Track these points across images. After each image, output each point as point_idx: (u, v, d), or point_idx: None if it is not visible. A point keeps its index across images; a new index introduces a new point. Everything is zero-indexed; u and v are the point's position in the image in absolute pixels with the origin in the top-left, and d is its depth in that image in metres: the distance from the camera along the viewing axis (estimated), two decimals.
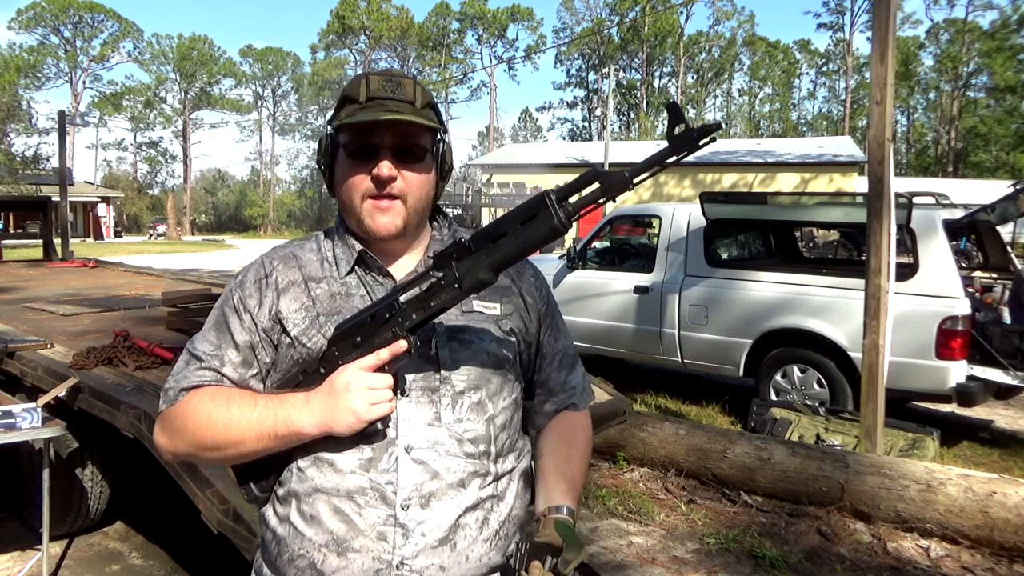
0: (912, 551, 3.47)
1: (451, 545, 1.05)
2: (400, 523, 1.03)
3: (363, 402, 0.97)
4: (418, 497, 1.04)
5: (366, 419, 0.98)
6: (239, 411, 1.04)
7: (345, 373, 0.99)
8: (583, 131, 61.59)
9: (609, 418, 3.95)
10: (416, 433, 1.05)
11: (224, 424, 1.04)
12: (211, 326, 1.15)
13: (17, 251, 13.11)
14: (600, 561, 3.42)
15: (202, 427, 1.05)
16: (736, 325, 5.67)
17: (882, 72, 4.26)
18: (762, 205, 6.35)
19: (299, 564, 1.06)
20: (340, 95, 1.12)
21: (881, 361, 4.27)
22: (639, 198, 28.21)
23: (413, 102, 1.08)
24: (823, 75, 60.39)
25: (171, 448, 1.10)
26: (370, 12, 57.98)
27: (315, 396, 1.01)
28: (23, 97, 38.29)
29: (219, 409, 1.05)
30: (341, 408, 0.98)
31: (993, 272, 6.01)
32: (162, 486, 2.97)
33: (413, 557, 1.03)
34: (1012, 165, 41.40)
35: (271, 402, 1.04)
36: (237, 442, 1.03)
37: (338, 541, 1.03)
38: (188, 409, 1.08)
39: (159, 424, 1.12)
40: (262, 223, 58.56)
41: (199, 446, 1.06)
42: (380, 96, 1.06)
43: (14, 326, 4.10)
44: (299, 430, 1.00)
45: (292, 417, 1.00)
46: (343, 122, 1.06)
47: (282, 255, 1.18)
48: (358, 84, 1.09)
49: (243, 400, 1.06)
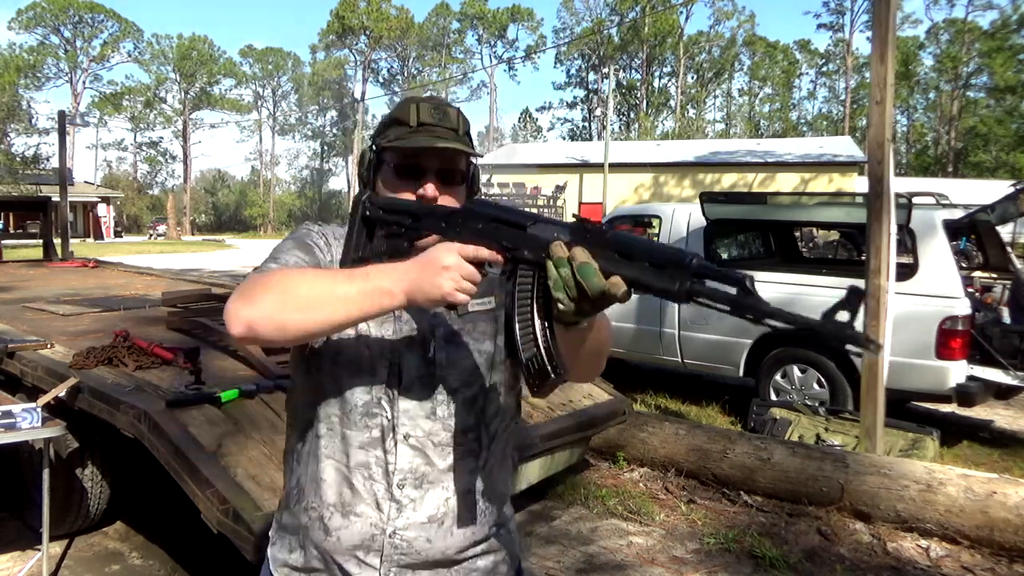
0: (912, 551, 3.47)
1: (439, 522, 1.19)
2: (395, 499, 1.18)
3: (452, 285, 0.98)
4: (412, 478, 1.18)
5: (450, 300, 0.98)
6: (331, 274, 1.07)
7: (446, 252, 0.99)
8: (583, 131, 61.59)
9: (609, 418, 3.95)
10: (414, 423, 1.19)
11: (315, 278, 1.05)
12: (293, 246, 1.21)
13: (17, 251, 13.12)
14: (600, 561, 3.42)
15: (297, 280, 1.05)
16: (736, 325, 5.66)
17: (882, 72, 4.26)
18: (762, 205, 6.35)
19: (311, 515, 1.21)
20: (387, 117, 1.24)
21: (881, 361, 4.27)
22: (639, 198, 28.25)
23: (457, 129, 1.21)
24: (823, 75, 60.38)
25: (251, 305, 1.03)
26: (370, 12, 57.93)
27: (410, 264, 1.02)
28: (23, 97, 38.32)
29: (312, 271, 1.11)
30: (430, 282, 0.98)
31: (993, 272, 6.01)
32: (162, 486, 2.97)
33: (404, 529, 1.18)
34: (1012, 165, 41.38)
35: (363, 268, 1.06)
36: (327, 293, 1.01)
37: (344, 504, 1.19)
38: (278, 272, 1.09)
39: (239, 291, 1.07)
40: (262, 223, 58.57)
41: (288, 297, 1.02)
42: (429, 123, 1.19)
43: (14, 326, 4.10)
44: (388, 288, 1.00)
45: (383, 280, 1.01)
46: (396, 144, 1.18)
47: (340, 231, 1.28)
48: (408, 109, 1.20)
49: (334, 270, 1.14)
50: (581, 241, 0.93)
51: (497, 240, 1.02)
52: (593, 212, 25.96)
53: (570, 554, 3.48)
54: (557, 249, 0.93)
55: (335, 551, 1.19)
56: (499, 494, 1.29)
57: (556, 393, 3.80)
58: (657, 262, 0.89)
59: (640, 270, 0.90)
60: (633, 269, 0.90)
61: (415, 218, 1.14)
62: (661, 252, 0.90)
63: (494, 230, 1.03)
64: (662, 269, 0.88)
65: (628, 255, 0.91)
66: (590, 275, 0.89)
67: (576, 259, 0.91)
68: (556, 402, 3.72)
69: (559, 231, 0.97)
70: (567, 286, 0.91)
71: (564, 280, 0.91)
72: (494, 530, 1.27)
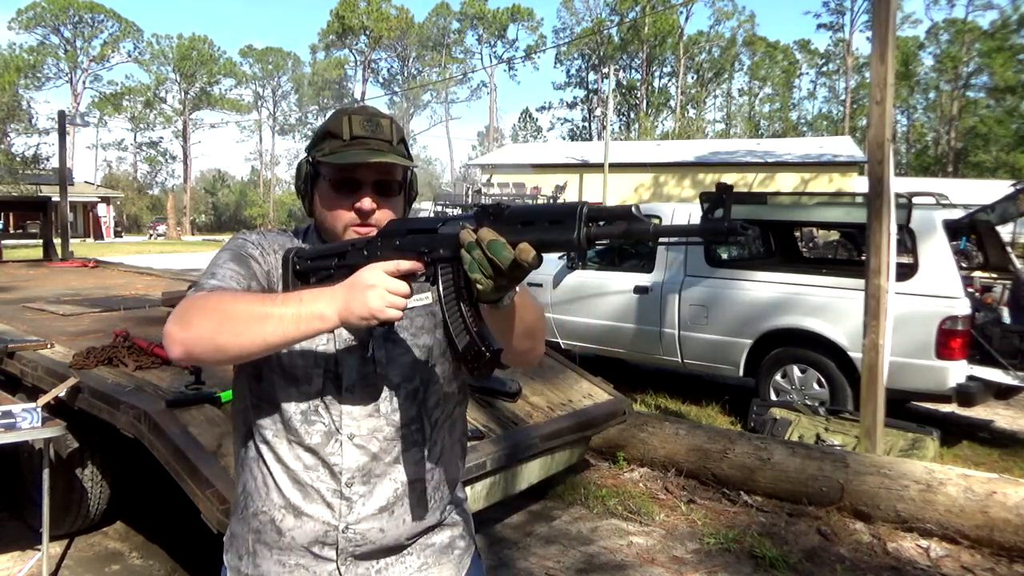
0: (912, 551, 3.47)
1: (389, 512, 1.23)
2: (345, 496, 1.21)
3: (380, 302, 1.01)
4: (360, 475, 1.22)
5: (380, 317, 1.02)
6: (264, 298, 1.09)
7: (371, 272, 1.04)
8: (583, 131, 61.56)
9: (609, 418, 3.95)
10: (357, 423, 1.22)
11: (250, 303, 1.07)
12: (229, 258, 1.23)
13: (17, 251, 13.13)
14: (600, 561, 3.42)
15: (231, 304, 1.08)
16: (736, 325, 5.67)
17: (882, 72, 4.26)
18: (762, 205, 6.35)
19: (261, 519, 1.24)
20: (321, 129, 1.24)
21: (881, 361, 4.27)
22: (639, 198, 28.24)
23: (390, 140, 1.23)
24: (823, 75, 60.35)
25: (188, 328, 1.07)
26: (370, 12, 57.94)
27: (338, 286, 1.06)
28: (23, 97, 38.20)
29: (246, 295, 1.14)
30: (359, 302, 1.02)
31: (993, 272, 6.01)
32: (162, 486, 2.97)
33: (356, 523, 1.22)
34: (1012, 165, 41.37)
35: (296, 292, 1.10)
36: (263, 317, 1.04)
37: (294, 505, 1.22)
38: (214, 294, 1.12)
39: (176, 313, 1.11)
40: (262, 223, 58.49)
41: (224, 318, 1.06)
42: (362, 136, 1.20)
43: (14, 326, 4.09)
44: (321, 313, 1.04)
45: (316, 301, 1.04)
46: (331, 161, 1.19)
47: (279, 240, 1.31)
48: (340, 122, 1.21)
49: (268, 294, 1.16)
50: (486, 223, 0.99)
51: (415, 249, 1.08)
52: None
53: (570, 554, 3.48)
54: (466, 235, 0.98)
55: (291, 549, 1.23)
56: (449, 479, 1.33)
57: (556, 393, 3.80)
58: (554, 219, 0.95)
59: (542, 231, 0.96)
60: (536, 232, 0.96)
61: (340, 256, 1.17)
62: (556, 209, 0.96)
63: (411, 242, 1.09)
64: (560, 224, 0.94)
65: (529, 222, 0.97)
66: (499, 250, 0.94)
67: (483, 239, 0.95)
68: (556, 402, 3.72)
69: (465, 221, 1.03)
70: (481, 265, 0.95)
71: (477, 261, 0.95)
72: (447, 513, 1.33)
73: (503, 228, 0.97)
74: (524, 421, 3.39)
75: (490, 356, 1.02)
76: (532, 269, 0.95)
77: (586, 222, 0.93)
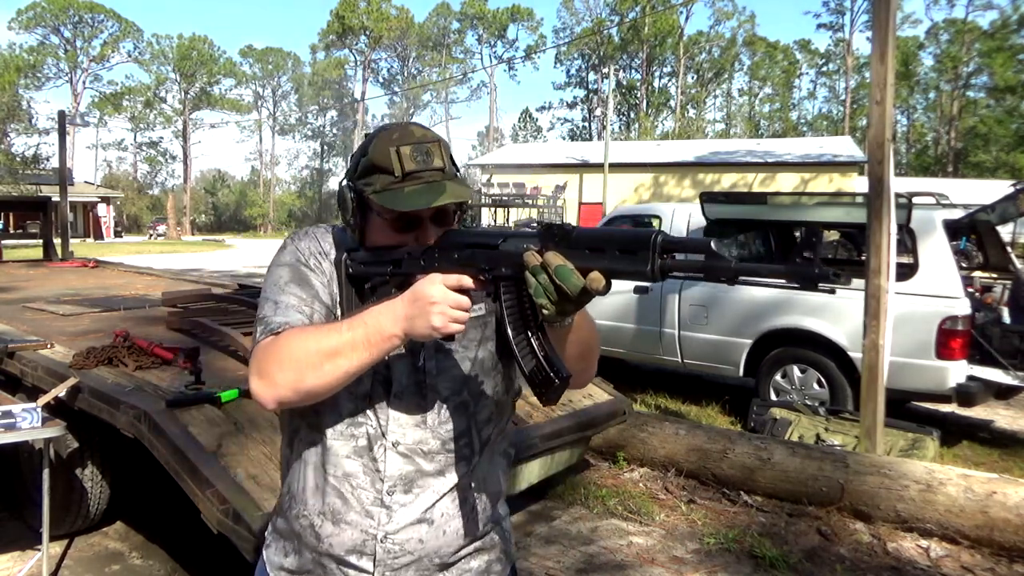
0: (912, 551, 3.47)
1: (429, 522, 1.21)
2: (385, 504, 1.19)
3: (442, 319, 1.01)
4: (402, 484, 1.20)
5: (443, 333, 1.02)
6: (331, 329, 1.10)
7: (433, 288, 1.02)
8: (583, 131, 61.55)
9: (609, 418, 3.95)
10: (403, 431, 1.20)
11: (319, 339, 1.08)
12: (289, 279, 1.21)
13: (17, 251, 13.12)
14: (600, 561, 3.42)
15: (304, 346, 1.09)
16: (736, 325, 5.67)
17: (882, 72, 4.26)
18: (762, 205, 6.35)
19: (302, 522, 1.23)
20: (366, 161, 1.17)
21: (881, 361, 4.27)
22: (639, 198, 28.24)
23: (443, 168, 1.16)
24: (823, 75, 60.34)
25: (273, 385, 1.10)
26: (370, 12, 57.93)
27: (400, 303, 1.05)
28: (23, 97, 38.22)
29: (314, 331, 1.12)
30: (422, 319, 1.02)
31: (993, 272, 6.01)
32: (162, 486, 2.97)
33: (395, 532, 1.19)
34: (1012, 165, 41.35)
35: (358, 316, 1.09)
36: (336, 352, 1.06)
37: (333, 512, 1.20)
38: (286, 336, 1.13)
39: (254, 367, 1.13)
40: (262, 223, 58.56)
41: (302, 365, 1.08)
42: (415, 171, 1.14)
43: (14, 326, 4.10)
44: (389, 333, 1.05)
45: (381, 323, 1.05)
46: (389, 205, 1.13)
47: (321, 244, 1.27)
48: (388, 155, 1.14)
49: (333, 323, 1.14)
50: (551, 245, 0.96)
51: (475, 264, 1.05)
52: (593, 212, 25.99)
53: (570, 554, 3.48)
54: (530, 258, 0.95)
55: (328, 556, 1.21)
56: (492, 493, 1.30)
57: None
58: (625, 248, 0.92)
59: (612, 259, 0.92)
60: (605, 260, 0.93)
61: (396, 264, 1.16)
62: (628, 237, 0.92)
63: (470, 256, 1.07)
64: (633, 254, 0.91)
65: (598, 248, 0.94)
66: (567, 276, 0.92)
67: (550, 264, 0.93)
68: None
69: (528, 241, 1.00)
70: (547, 291, 0.93)
71: (544, 286, 0.94)
72: (487, 528, 1.29)
73: (570, 252, 0.94)
74: (524, 421, 3.39)
75: (559, 382, 1.01)
76: (601, 296, 0.93)
77: (660, 253, 0.89)
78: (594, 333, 1.20)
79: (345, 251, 1.21)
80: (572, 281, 0.91)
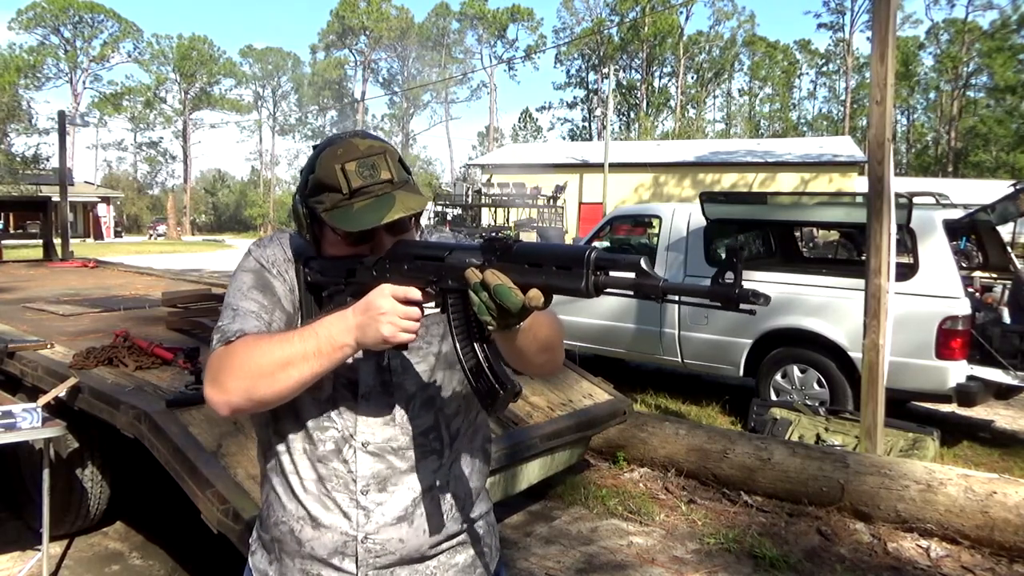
0: (912, 551, 3.47)
1: (408, 521, 1.22)
2: (362, 505, 1.21)
3: (391, 329, 1.03)
4: (375, 483, 1.21)
5: (392, 343, 1.04)
6: (283, 339, 1.10)
7: (382, 299, 1.04)
8: (583, 131, 61.53)
9: (609, 418, 3.95)
10: (372, 431, 1.21)
11: (272, 349, 1.09)
12: (252, 284, 1.23)
13: (17, 251, 13.10)
14: (600, 561, 3.42)
15: (256, 355, 1.10)
16: (736, 325, 5.67)
17: (882, 72, 4.26)
18: (762, 205, 6.35)
19: (282, 529, 1.25)
20: (314, 179, 1.15)
21: (881, 361, 4.27)
22: (639, 198, 28.24)
23: (392, 179, 1.14)
24: (823, 75, 60.34)
25: (225, 392, 1.12)
26: (370, 12, 57.94)
27: (352, 313, 1.07)
28: (23, 97, 38.17)
29: (267, 340, 1.12)
30: (372, 329, 1.04)
31: (993, 272, 6.01)
32: (162, 486, 2.97)
33: (375, 532, 1.21)
34: (1012, 165, 41.37)
35: (311, 325, 1.10)
36: (287, 362, 1.07)
37: (312, 516, 1.22)
38: (240, 344, 1.14)
39: (209, 374, 1.15)
40: (262, 223, 58.49)
41: (254, 374, 1.09)
42: (362, 186, 1.12)
43: (14, 326, 4.09)
44: (341, 343, 1.07)
45: (332, 333, 1.07)
46: (339, 225, 1.13)
47: (283, 251, 1.29)
48: (335, 173, 1.12)
49: (286, 332, 1.14)
50: (492, 260, 0.98)
51: (423, 276, 1.07)
52: (593, 212, 25.98)
53: (570, 554, 3.48)
54: (471, 275, 0.97)
55: (311, 559, 1.23)
56: (470, 488, 1.31)
57: (556, 393, 3.80)
58: (562, 264, 0.93)
59: (549, 275, 0.94)
60: (543, 275, 0.94)
61: (350, 273, 1.17)
62: (564, 253, 0.94)
63: (418, 268, 1.09)
64: (568, 270, 0.92)
65: (536, 264, 0.95)
66: (505, 295, 0.93)
67: (489, 283, 0.94)
68: (556, 402, 3.72)
69: (471, 256, 1.02)
70: (488, 309, 0.95)
71: (485, 304, 0.95)
72: (466, 525, 1.30)
73: (509, 267, 0.96)
74: (524, 421, 3.39)
75: (503, 394, 1.02)
76: (541, 311, 0.95)
77: (594, 270, 0.91)
78: (554, 328, 1.20)
79: (304, 260, 1.23)
80: (511, 299, 0.93)
